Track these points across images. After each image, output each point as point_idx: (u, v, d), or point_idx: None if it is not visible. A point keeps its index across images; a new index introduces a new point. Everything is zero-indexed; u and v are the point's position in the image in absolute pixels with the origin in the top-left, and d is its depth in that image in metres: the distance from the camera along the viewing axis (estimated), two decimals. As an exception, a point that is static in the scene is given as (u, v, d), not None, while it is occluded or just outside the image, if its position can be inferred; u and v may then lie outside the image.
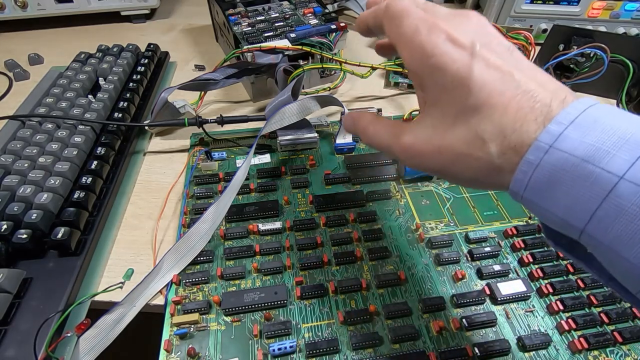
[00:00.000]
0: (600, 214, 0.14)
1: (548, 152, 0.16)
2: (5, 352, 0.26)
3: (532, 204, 0.17)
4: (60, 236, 0.31)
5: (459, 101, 0.18)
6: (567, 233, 0.16)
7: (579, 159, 0.15)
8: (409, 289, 0.32)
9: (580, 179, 0.15)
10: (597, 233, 0.15)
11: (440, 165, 0.19)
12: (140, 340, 0.46)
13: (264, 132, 0.38)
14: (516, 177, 0.17)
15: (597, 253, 0.16)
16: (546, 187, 0.16)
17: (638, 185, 0.14)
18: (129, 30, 0.68)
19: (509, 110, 0.17)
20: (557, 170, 0.15)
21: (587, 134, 0.15)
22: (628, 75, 0.49)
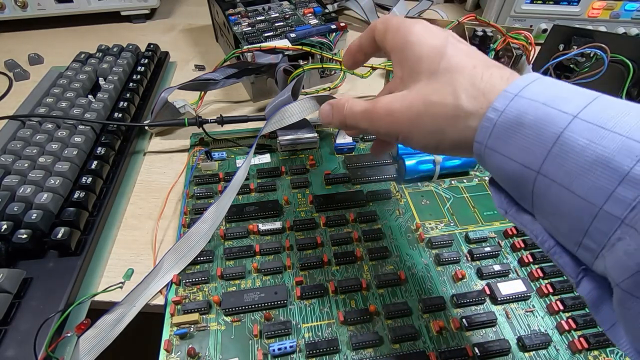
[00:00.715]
0: (555, 151, 0.16)
1: (513, 100, 0.18)
2: (5, 352, 0.26)
3: (493, 155, 0.18)
4: (60, 236, 0.31)
5: (434, 65, 0.21)
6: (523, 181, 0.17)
7: (540, 103, 0.17)
8: (409, 289, 0.32)
9: (539, 120, 0.16)
10: (552, 170, 0.16)
11: (408, 119, 0.21)
12: (140, 340, 0.46)
13: (264, 132, 0.38)
14: (482, 124, 0.18)
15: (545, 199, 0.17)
16: (509, 133, 0.17)
17: (589, 123, 0.15)
18: (129, 30, 0.68)
19: (477, 70, 0.20)
20: (520, 114, 0.17)
21: (548, 88, 0.17)
22: (628, 75, 0.49)
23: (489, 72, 0.19)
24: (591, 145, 0.15)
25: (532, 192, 0.17)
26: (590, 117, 0.15)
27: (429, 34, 0.22)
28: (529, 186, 0.17)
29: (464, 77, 0.20)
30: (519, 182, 0.18)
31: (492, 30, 0.50)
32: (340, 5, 0.68)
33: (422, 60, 0.21)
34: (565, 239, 0.17)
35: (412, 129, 0.22)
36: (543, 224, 0.18)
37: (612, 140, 0.15)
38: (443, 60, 0.20)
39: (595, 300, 0.17)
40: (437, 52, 0.21)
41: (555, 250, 0.18)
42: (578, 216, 0.16)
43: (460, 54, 0.21)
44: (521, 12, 0.62)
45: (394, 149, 0.42)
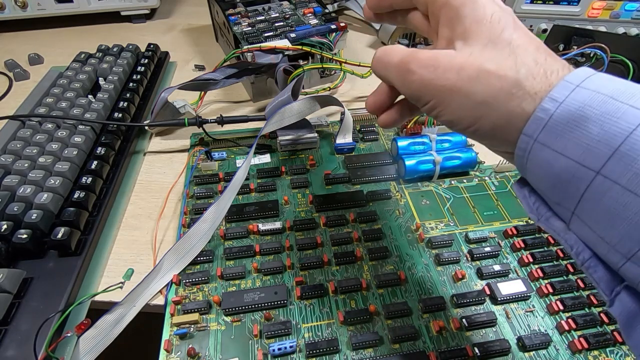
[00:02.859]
0: (624, 149, 0.14)
1: (575, 90, 0.16)
2: (5, 352, 0.26)
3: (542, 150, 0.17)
4: (60, 236, 0.31)
5: (495, 32, 0.18)
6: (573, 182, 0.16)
7: (607, 96, 0.15)
8: (409, 289, 0.32)
9: (607, 115, 0.15)
10: (616, 172, 0.15)
11: (453, 82, 0.19)
12: (140, 340, 0.46)
13: (264, 132, 0.38)
14: (536, 115, 0.17)
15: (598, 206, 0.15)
16: (568, 127, 0.16)
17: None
18: (129, 30, 0.68)
19: (540, 51, 0.18)
20: (584, 107, 0.15)
21: (611, 81, 0.16)
22: (628, 75, 0.49)
23: (551, 57, 0.18)
24: None
25: (581, 195, 0.16)
26: None
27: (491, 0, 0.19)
28: (580, 188, 0.16)
29: (528, 54, 0.18)
30: (568, 183, 0.16)
31: (492, 30, 0.50)
32: (340, 5, 0.68)
33: (482, 23, 0.19)
34: (612, 250, 0.16)
35: (454, 95, 0.19)
36: (580, 233, 0.17)
37: None
38: (506, 31, 0.18)
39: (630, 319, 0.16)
40: (501, 20, 0.18)
41: (590, 262, 0.17)
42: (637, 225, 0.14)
43: (522, 32, 0.19)
44: (521, 12, 0.62)
45: (394, 148, 0.42)
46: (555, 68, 0.17)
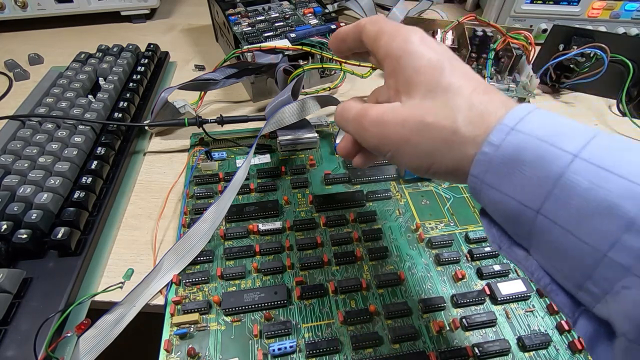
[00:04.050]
0: (556, 192, 0.15)
1: (510, 133, 0.17)
2: (5, 352, 0.26)
3: (490, 191, 0.17)
4: (60, 236, 0.31)
5: (432, 81, 0.19)
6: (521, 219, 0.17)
7: (539, 140, 0.16)
8: (409, 289, 0.32)
9: (539, 159, 0.16)
10: (552, 211, 0.15)
11: (400, 136, 0.20)
12: (140, 340, 0.46)
13: (264, 132, 0.38)
14: (478, 158, 0.17)
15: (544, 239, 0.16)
16: (507, 169, 0.17)
17: (591, 163, 0.15)
18: (129, 30, 0.68)
19: (475, 93, 0.19)
20: (519, 151, 0.16)
21: (545, 121, 0.17)
22: (628, 75, 0.49)
23: (487, 96, 0.18)
24: (594, 188, 0.14)
25: (530, 231, 0.17)
26: (591, 157, 0.15)
27: (427, 46, 0.20)
28: (527, 225, 0.17)
29: (463, 100, 0.18)
30: (517, 220, 0.17)
31: (492, 30, 0.50)
32: (340, 5, 0.68)
33: (419, 74, 0.20)
34: (566, 279, 0.16)
35: (404, 148, 0.20)
36: (539, 261, 0.17)
37: (616, 184, 0.14)
38: (442, 77, 0.19)
39: (591, 340, 0.16)
40: (436, 67, 0.20)
41: (551, 288, 0.17)
42: (581, 260, 0.15)
43: (459, 73, 0.19)
44: (521, 12, 0.62)
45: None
46: (492, 109, 0.18)
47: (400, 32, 0.21)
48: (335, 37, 0.26)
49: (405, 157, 0.21)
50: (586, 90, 0.54)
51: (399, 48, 0.21)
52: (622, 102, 0.50)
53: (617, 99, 0.51)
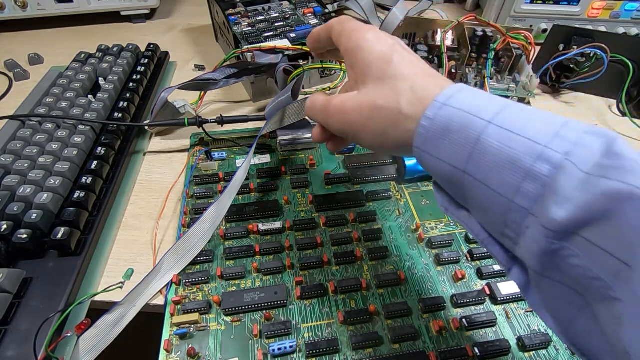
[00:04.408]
0: (475, 153, 0.18)
1: (442, 108, 0.20)
2: (5, 352, 0.26)
3: (429, 158, 0.21)
4: (60, 236, 0.31)
5: (381, 70, 0.23)
6: (454, 180, 0.20)
7: (463, 112, 0.19)
8: (409, 289, 0.32)
9: (462, 127, 0.19)
10: (474, 170, 0.19)
11: (358, 119, 0.23)
12: (140, 340, 0.46)
13: (263, 132, 0.38)
14: (418, 131, 0.21)
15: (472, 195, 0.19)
16: (439, 138, 0.20)
17: (501, 128, 0.18)
18: (129, 30, 0.68)
19: (417, 78, 0.22)
20: (448, 122, 0.19)
21: (470, 97, 0.20)
22: (628, 75, 0.49)
23: (427, 81, 0.22)
24: (503, 147, 0.17)
25: (463, 190, 0.20)
26: (502, 123, 0.18)
27: (378, 41, 0.23)
28: (459, 184, 0.20)
29: (406, 84, 0.22)
30: (453, 181, 0.20)
31: (492, 30, 0.50)
32: (340, 5, 0.68)
33: (371, 66, 0.23)
34: (493, 230, 0.20)
35: (361, 129, 0.24)
36: (477, 218, 0.20)
37: (519, 143, 0.17)
38: (390, 67, 0.22)
39: (524, 287, 0.19)
40: (385, 59, 0.23)
41: (488, 241, 0.20)
42: (498, 209, 0.18)
43: (404, 62, 0.23)
44: (521, 12, 0.62)
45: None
46: (430, 90, 0.21)
47: (357, 30, 0.24)
48: (310, 37, 0.29)
49: (364, 137, 0.24)
50: (586, 90, 0.54)
51: (356, 44, 0.24)
52: (622, 102, 0.50)
53: (617, 99, 0.51)
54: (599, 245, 0.15)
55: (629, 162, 0.15)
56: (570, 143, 0.16)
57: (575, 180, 0.16)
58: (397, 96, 0.22)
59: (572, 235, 0.16)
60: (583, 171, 0.16)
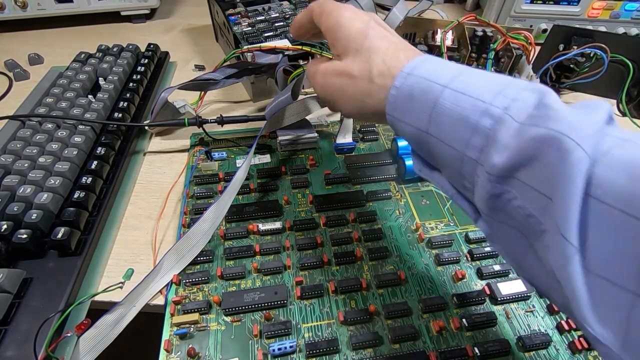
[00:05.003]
0: (434, 115, 0.21)
1: (407, 77, 0.22)
2: (5, 352, 0.26)
3: (399, 123, 0.23)
4: (60, 236, 0.31)
5: (359, 44, 0.25)
6: (420, 141, 0.22)
7: (424, 79, 0.21)
8: (409, 289, 0.32)
9: (423, 92, 0.21)
10: (434, 130, 0.21)
11: (337, 85, 0.26)
12: (140, 340, 0.46)
13: (264, 132, 0.38)
14: (388, 99, 0.23)
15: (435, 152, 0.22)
16: (406, 104, 0.22)
17: (454, 90, 0.20)
18: (129, 30, 0.68)
19: (389, 51, 0.24)
20: (412, 89, 0.22)
21: (431, 65, 0.22)
22: (628, 75, 0.49)
23: (397, 53, 0.24)
24: (455, 107, 0.20)
25: (429, 150, 0.22)
26: (455, 86, 0.20)
27: (356, 17, 0.26)
28: (425, 145, 0.22)
29: (378, 57, 0.24)
30: (420, 143, 0.22)
31: (492, 30, 0.50)
32: (340, 5, 0.68)
33: (349, 40, 0.25)
34: (457, 184, 0.22)
35: (340, 96, 0.26)
36: (445, 175, 0.23)
37: (468, 103, 0.20)
38: (365, 41, 0.25)
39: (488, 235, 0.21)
40: (361, 34, 0.25)
41: (456, 196, 0.23)
42: (454, 163, 0.21)
43: (378, 37, 0.25)
44: (521, 12, 0.62)
45: (394, 148, 0.42)
46: (399, 62, 0.23)
47: (335, 9, 0.26)
48: (293, 24, 0.31)
49: (342, 103, 0.26)
50: (586, 90, 0.54)
51: (335, 22, 0.26)
52: (622, 102, 0.50)
53: (617, 99, 0.51)
54: (530, 185, 0.18)
55: (553, 112, 0.17)
56: (510, 99, 0.19)
57: (511, 130, 0.18)
58: (371, 67, 0.24)
59: (510, 178, 0.18)
60: (518, 122, 0.18)
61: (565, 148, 0.16)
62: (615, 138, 0.16)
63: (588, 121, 0.17)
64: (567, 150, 0.16)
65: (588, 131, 0.16)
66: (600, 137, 0.16)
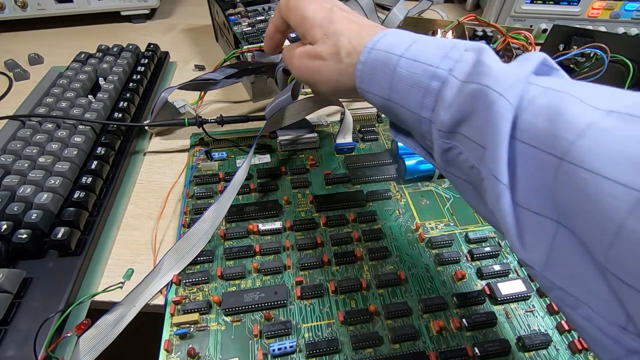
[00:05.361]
0: (394, 83, 0.23)
1: (370, 52, 0.24)
2: (5, 352, 0.26)
3: (368, 94, 0.25)
4: (60, 236, 0.31)
5: (326, 29, 0.27)
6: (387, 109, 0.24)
7: (384, 52, 0.23)
8: (409, 289, 0.32)
9: (384, 63, 0.23)
10: (395, 97, 0.23)
11: (312, 67, 0.28)
12: (140, 340, 0.46)
13: (263, 132, 0.38)
14: (355, 74, 0.25)
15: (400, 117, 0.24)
16: (370, 77, 0.24)
17: (409, 59, 0.22)
18: (129, 30, 0.68)
19: (353, 32, 0.26)
20: (374, 62, 0.24)
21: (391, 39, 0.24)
22: (628, 75, 0.49)
23: (361, 32, 0.26)
24: (409, 74, 0.22)
25: (397, 116, 0.24)
26: (409, 55, 0.22)
27: (319, 7, 0.27)
28: (392, 112, 0.24)
29: (344, 38, 0.26)
30: (387, 110, 0.25)
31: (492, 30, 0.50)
32: (340, 5, 0.68)
33: (316, 28, 0.27)
34: (423, 144, 0.24)
35: (316, 77, 0.28)
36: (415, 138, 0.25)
37: (420, 69, 0.21)
38: (331, 26, 0.26)
39: None
40: (327, 20, 0.27)
41: (427, 156, 0.25)
42: (415, 125, 0.23)
43: (343, 20, 0.27)
44: (521, 12, 0.62)
45: (394, 148, 0.42)
46: (363, 39, 0.25)
47: (299, 3, 0.28)
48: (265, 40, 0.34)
49: (319, 83, 0.28)
50: (586, 90, 0.54)
51: (301, 16, 0.28)
52: (622, 102, 0.50)
53: (617, 99, 0.51)
54: (470, 138, 0.20)
55: (486, 68, 0.19)
56: (454, 61, 0.21)
57: (454, 89, 0.20)
58: (338, 49, 0.26)
59: (456, 134, 0.20)
60: (460, 80, 0.20)
61: (490, 99, 0.18)
62: (539, 87, 0.18)
63: (514, 73, 0.18)
64: (491, 101, 0.18)
65: (512, 82, 0.18)
66: (526, 86, 0.18)
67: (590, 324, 0.16)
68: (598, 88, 0.17)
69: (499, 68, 0.19)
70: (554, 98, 0.17)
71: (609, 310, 0.15)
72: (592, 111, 0.15)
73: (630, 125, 0.14)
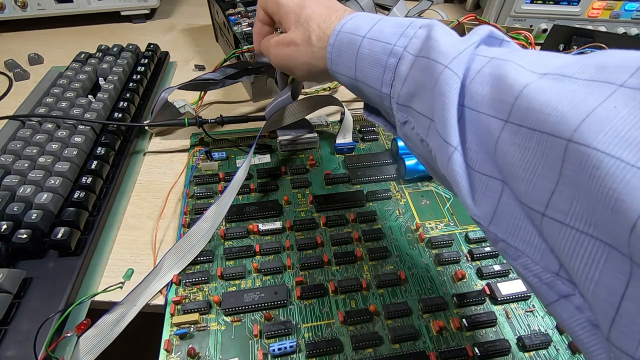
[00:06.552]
0: (358, 62, 0.24)
1: (337, 35, 0.25)
2: (5, 352, 0.26)
3: (338, 75, 0.26)
4: (60, 236, 0.31)
5: (297, 15, 0.28)
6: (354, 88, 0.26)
7: (349, 34, 0.25)
8: (409, 289, 0.32)
9: (349, 45, 0.25)
10: (359, 76, 0.25)
11: (287, 53, 0.29)
12: (140, 340, 0.46)
13: (263, 131, 0.38)
14: (326, 56, 0.26)
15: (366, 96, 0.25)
16: (339, 59, 0.26)
17: (370, 39, 0.24)
18: (129, 30, 0.68)
19: (323, 16, 0.27)
20: (341, 44, 0.25)
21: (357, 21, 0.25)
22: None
23: (330, 16, 0.27)
24: (371, 52, 0.23)
25: (364, 95, 0.26)
26: (371, 35, 0.24)
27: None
28: (359, 90, 0.26)
29: (314, 22, 0.27)
30: (355, 90, 0.26)
31: (492, 30, 0.50)
32: (340, 5, 0.68)
33: (289, 15, 0.29)
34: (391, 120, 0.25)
35: (292, 63, 0.29)
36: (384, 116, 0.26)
37: (380, 47, 0.23)
38: (303, 11, 0.28)
39: None
40: (298, 6, 0.28)
41: (393, 131, 0.26)
42: (378, 101, 0.24)
43: (313, 6, 0.28)
44: (521, 12, 0.62)
45: (394, 148, 0.42)
46: (330, 24, 0.26)
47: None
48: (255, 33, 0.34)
49: (295, 68, 0.30)
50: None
51: (276, 5, 0.30)
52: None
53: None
54: (419, 111, 0.21)
55: (434, 42, 0.20)
56: (409, 38, 0.22)
57: (409, 63, 0.22)
58: (310, 34, 0.27)
59: (409, 108, 0.22)
60: (413, 55, 0.21)
61: (437, 71, 0.19)
62: (485, 57, 0.19)
63: (460, 47, 0.20)
64: (438, 72, 0.19)
65: (455, 54, 0.19)
66: (472, 57, 0.19)
67: (529, 272, 0.17)
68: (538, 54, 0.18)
69: (446, 42, 0.20)
70: (497, 65, 0.18)
71: (544, 259, 0.16)
72: (529, 75, 0.16)
73: (559, 84, 0.15)
